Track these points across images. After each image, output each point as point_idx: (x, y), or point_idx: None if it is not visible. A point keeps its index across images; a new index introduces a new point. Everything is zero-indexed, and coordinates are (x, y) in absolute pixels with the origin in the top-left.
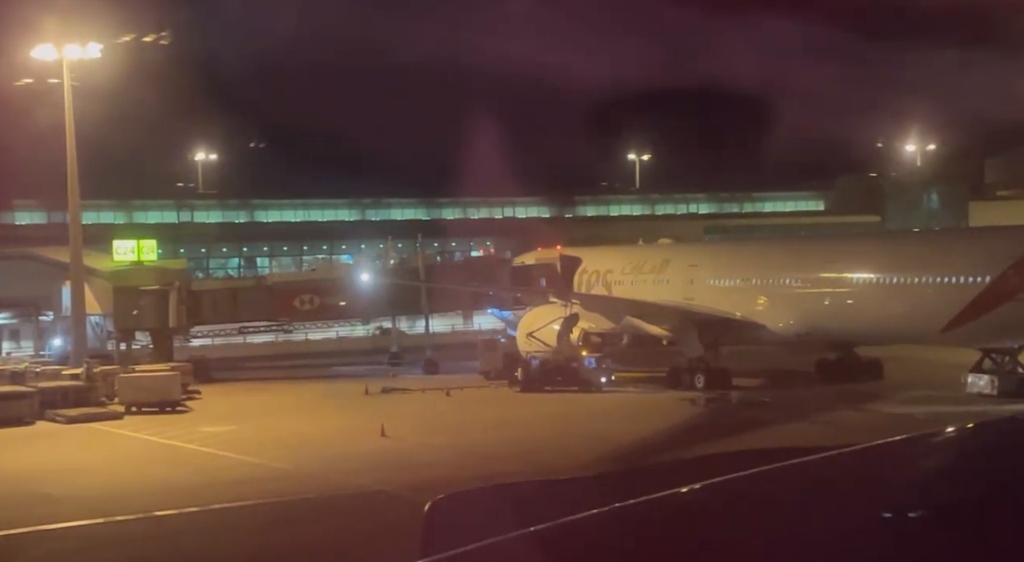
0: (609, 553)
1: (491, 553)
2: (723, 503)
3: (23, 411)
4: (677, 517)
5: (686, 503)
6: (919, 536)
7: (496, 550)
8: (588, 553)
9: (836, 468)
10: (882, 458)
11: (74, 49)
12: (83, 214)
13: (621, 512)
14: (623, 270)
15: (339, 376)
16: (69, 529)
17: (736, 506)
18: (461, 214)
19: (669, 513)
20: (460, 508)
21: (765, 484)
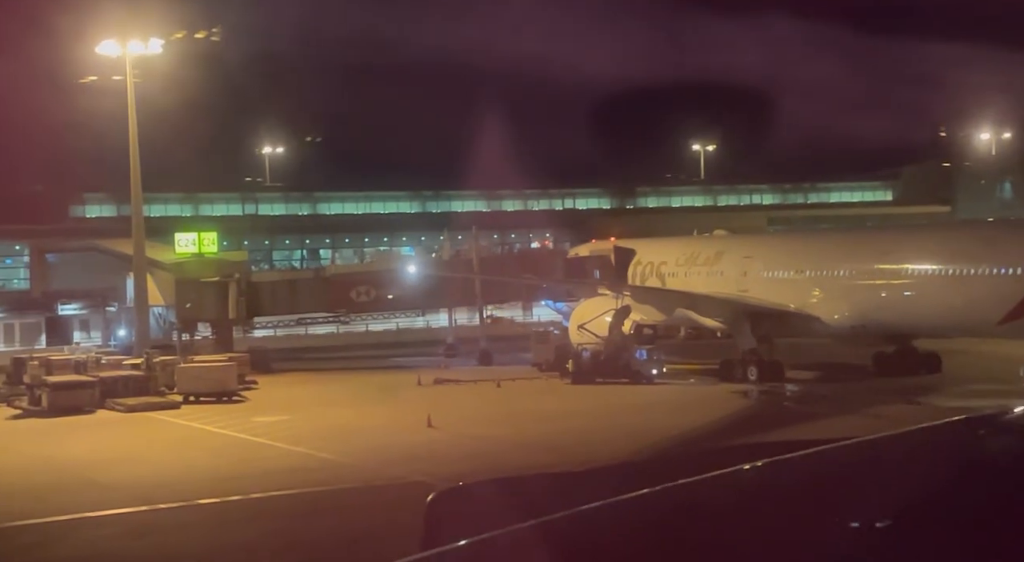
0: (600, 548)
1: (490, 546)
2: (713, 498)
3: (84, 400)
4: (669, 512)
5: (682, 497)
6: (883, 547)
7: (495, 543)
8: (581, 547)
9: (825, 465)
10: (874, 454)
11: (136, 45)
12: (151, 207)
13: (611, 507)
14: (677, 262)
15: (395, 367)
16: (112, 516)
17: (726, 502)
18: (521, 206)
19: (665, 507)
20: (461, 501)
21: (759, 478)
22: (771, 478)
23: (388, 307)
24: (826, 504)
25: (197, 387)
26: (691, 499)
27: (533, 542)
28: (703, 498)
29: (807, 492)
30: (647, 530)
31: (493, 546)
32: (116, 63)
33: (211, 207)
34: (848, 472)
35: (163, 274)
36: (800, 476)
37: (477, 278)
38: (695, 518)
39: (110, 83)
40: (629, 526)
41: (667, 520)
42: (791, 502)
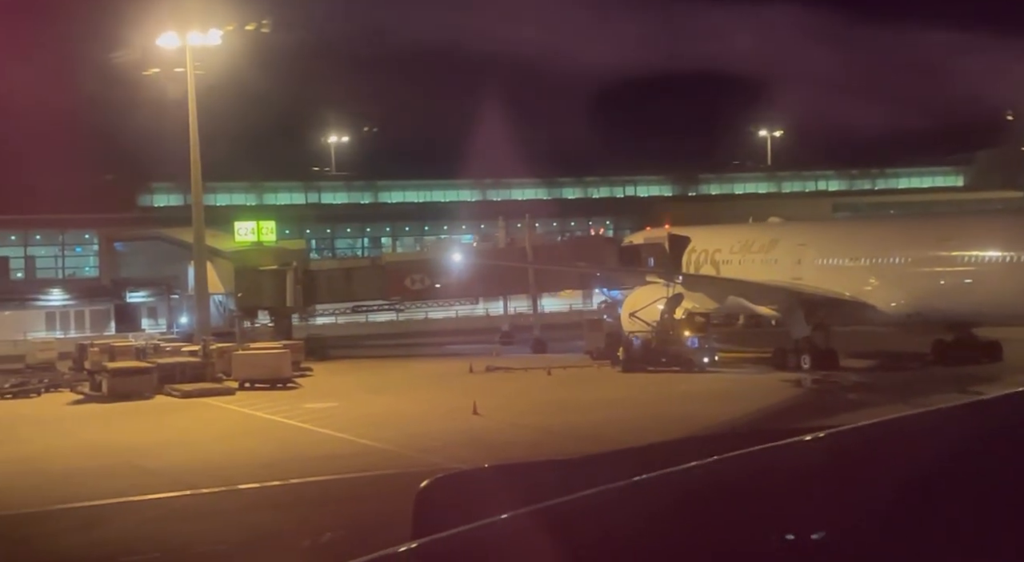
0: (586, 537)
1: (481, 533)
2: (703, 486)
3: (143, 386)
4: (659, 499)
5: (672, 484)
6: None
7: (487, 530)
8: (564, 536)
9: (779, 462)
10: (844, 447)
11: (196, 36)
12: (216, 196)
13: (602, 495)
14: (731, 249)
15: (450, 355)
16: (154, 500)
17: (709, 490)
18: (582, 194)
19: (662, 494)
20: (453, 490)
21: (705, 476)
22: (714, 476)
23: (442, 295)
24: (763, 509)
25: (252, 374)
26: (674, 486)
27: (524, 530)
28: (685, 486)
29: (747, 494)
30: (637, 518)
31: (484, 534)
32: (183, 55)
33: (275, 196)
34: (803, 471)
35: (223, 262)
36: (749, 473)
37: (530, 267)
38: (675, 506)
39: (179, 75)
40: (610, 516)
41: (661, 508)
42: (725, 505)
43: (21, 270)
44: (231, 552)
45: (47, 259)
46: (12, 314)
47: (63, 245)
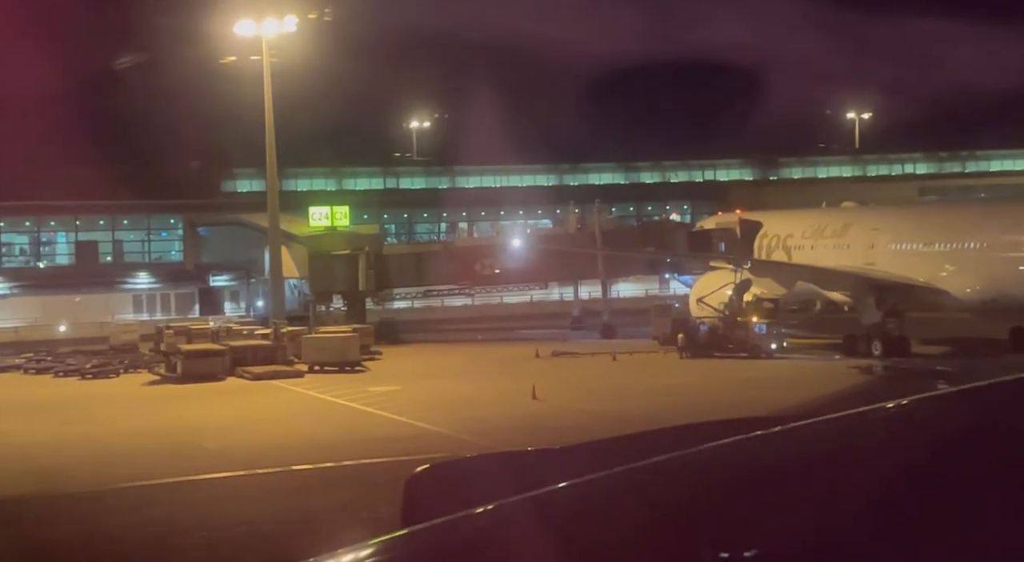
0: (575, 525)
1: (470, 521)
2: (695, 472)
3: (216, 368)
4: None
5: (668, 470)
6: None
7: (476, 518)
8: (552, 524)
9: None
10: (849, 431)
11: (271, 24)
12: (297, 182)
13: (593, 482)
14: (803, 234)
15: (519, 339)
16: (209, 480)
17: (703, 476)
18: (660, 178)
19: (654, 481)
20: (444, 478)
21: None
22: (708, 464)
23: (511, 280)
24: (760, 497)
25: (321, 357)
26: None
27: (514, 518)
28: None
29: (743, 482)
30: (626, 504)
31: (473, 521)
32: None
33: (354, 182)
34: (800, 458)
35: (297, 247)
36: (746, 460)
37: (599, 253)
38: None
39: (247, 63)
40: (601, 504)
41: (649, 493)
42: (719, 494)
43: (109, 254)
44: (276, 532)
45: (134, 243)
46: (101, 297)
47: (149, 230)
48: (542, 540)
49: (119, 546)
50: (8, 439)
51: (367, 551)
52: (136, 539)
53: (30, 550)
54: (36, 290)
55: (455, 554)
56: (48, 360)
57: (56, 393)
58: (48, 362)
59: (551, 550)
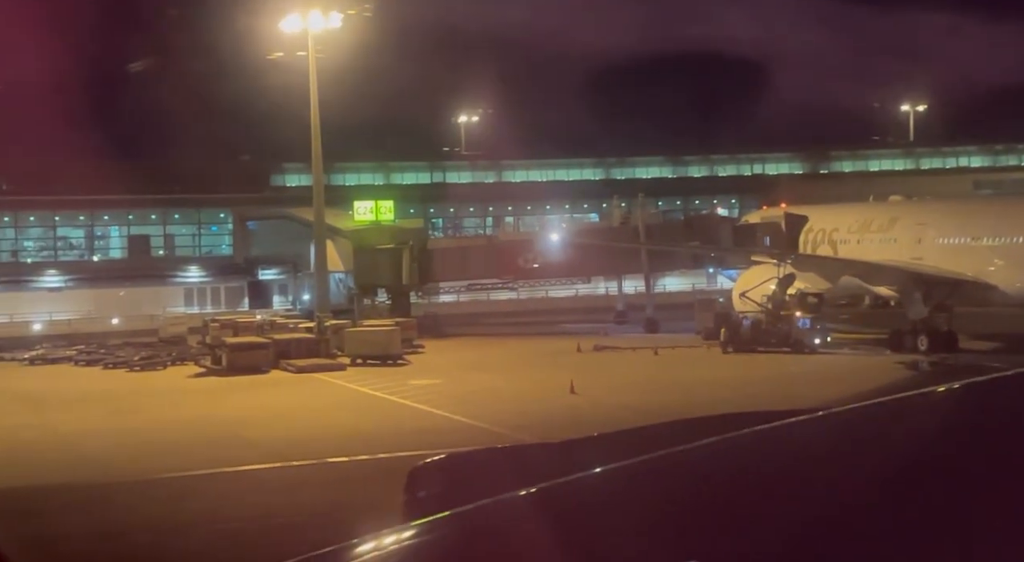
0: (577, 519)
1: (471, 515)
2: (699, 467)
3: (260, 360)
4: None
5: (670, 464)
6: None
7: (477, 512)
8: (553, 517)
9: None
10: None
11: (317, 19)
12: (345, 176)
13: (594, 476)
14: (849, 229)
15: (563, 333)
16: (246, 472)
17: (706, 471)
18: (708, 172)
19: (654, 475)
20: (445, 472)
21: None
22: (706, 458)
23: (554, 274)
24: (758, 491)
25: (363, 350)
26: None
27: (514, 511)
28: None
29: (741, 476)
30: (627, 498)
31: (473, 515)
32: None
33: (401, 176)
34: (799, 452)
35: (343, 241)
36: (744, 455)
37: (642, 247)
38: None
39: (293, 59)
40: (603, 498)
41: (652, 487)
42: (717, 488)
43: (161, 248)
44: (306, 523)
45: (185, 237)
46: (153, 290)
47: (199, 224)
48: (543, 534)
49: (147, 537)
50: (55, 429)
51: (371, 544)
52: (168, 529)
53: (58, 538)
54: (89, 283)
55: (458, 547)
56: (101, 352)
57: (103, 384)
58: (98, 354)
59: (552, 544)
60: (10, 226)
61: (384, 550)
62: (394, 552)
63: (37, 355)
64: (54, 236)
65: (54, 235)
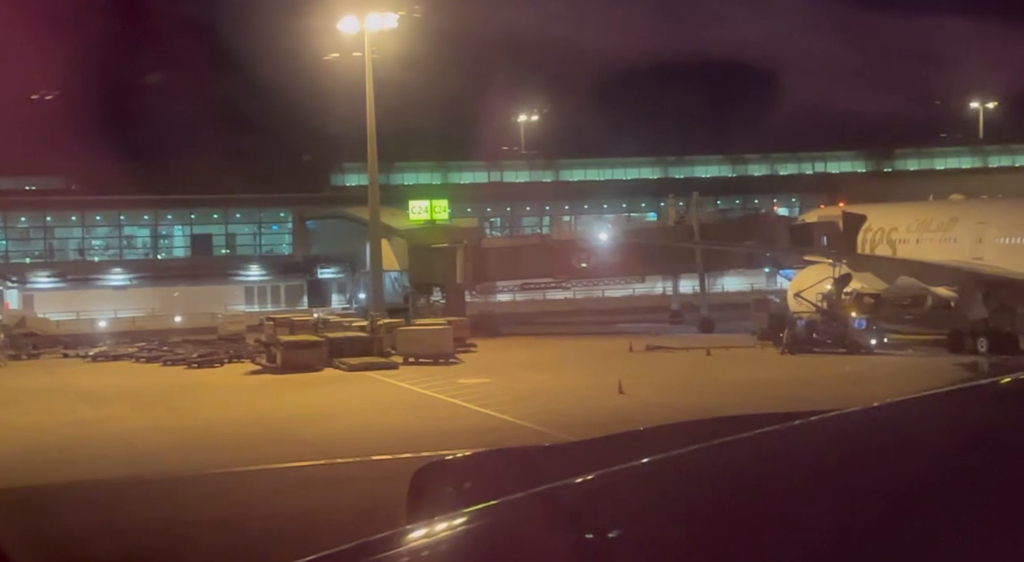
0: (583, 521)
1: (475, 518)
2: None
3: (313, 358)
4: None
5: (674, 467)
6: None
7: (480, 514)
8: (558, 520)
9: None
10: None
11: (374, 20)
12: (404, 175)
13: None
14: (908, 228)
15: (617, 333)
16: (291, 468)
17: (712, 473)
18: (768, 170)
19: (659, 477)
20: (449, 474)
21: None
22: (710, 461)
23: (608, 273)
24: (763, 493)
25: (415, 349)
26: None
27: (519, 514)
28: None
29: (745, 479)
30: (634, 500)
31: (477, 518)
32: (373, 38)
33: (459, 175)
34: (805, 455)
35: (398, 240)
36: (748, 458)
37: (696, 246)
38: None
39: (351, 59)
40: (608, 500)
41: (660, 489)
42: (719, 491)
43: (223, 247)
44: (345, 521)
45: (246, 236)
46: (214, 288)
47: (260, 223)
48: (545, 536)
49: (185, 530)
50: (111, 425)
51: (375, 545)
52: (210, 523)
53: (103, 532)
54: (153, 281)
55: (460, 549)
56: (164, 350)
57: (161, 381)
58: (158, 351)
59: (553, 546)
60: (77, 225)
61: (387, 552)
62: (399, 554)
63: (100, 352)
64: (119, 235)
65: (119, 234)
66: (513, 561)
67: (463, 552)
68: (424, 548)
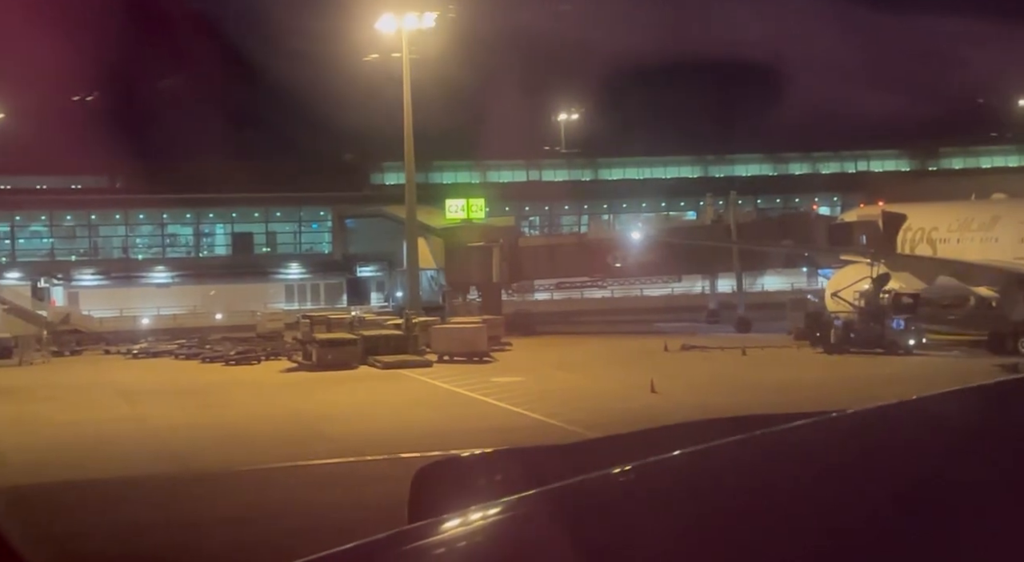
0: (586, 521)
1: (477, 517)
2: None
3: (349, 356)
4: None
5: (676, 468)
6: None
7: (483, 514)
8: (560, 520)
9: None
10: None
11: (412, 20)
12: (443, 174)
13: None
14: (949, 228)
15: (653, 332)
16: (319, 465)
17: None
18: (810, 169)
19: (662, 479)
20: (451, 473)
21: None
22: (712, 462)
23: (643, 272)
24: (767, 495)
25: (449, 347)
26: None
27: (521, 514)
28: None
29: (747, 481)
30: (636, 502)
31: (480, 518)
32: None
33: (497, 174)
34: (806, 455)
35: (435, 239)
36: (750, 459)
37: (732, 246)
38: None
39: (389, 60)
40: (610, 501)
41: (659, 491)
42: (722, 493)
43: (264, 245)
44: (368, 518)
45: (286, 235)
46: (255, 286)
47: (300, 222)
48: (545, 536)
49: (207, 529)
50: (147, 422)
51: (369, 547)
52: (231, 520)
53: (126, 529)
54: (195, 279)
55: (461, 549)
56: (207, 349)
57: (199, 378)
58: (197, 348)
59: (553, 546)
60: (121, 224)
61: (388, 551)
62: (398, 553)
63: (141, 349)
64: (162, 233)
65: (162, 232)
66: (509, 560)
67: (462, 552)
68: (423, 548)
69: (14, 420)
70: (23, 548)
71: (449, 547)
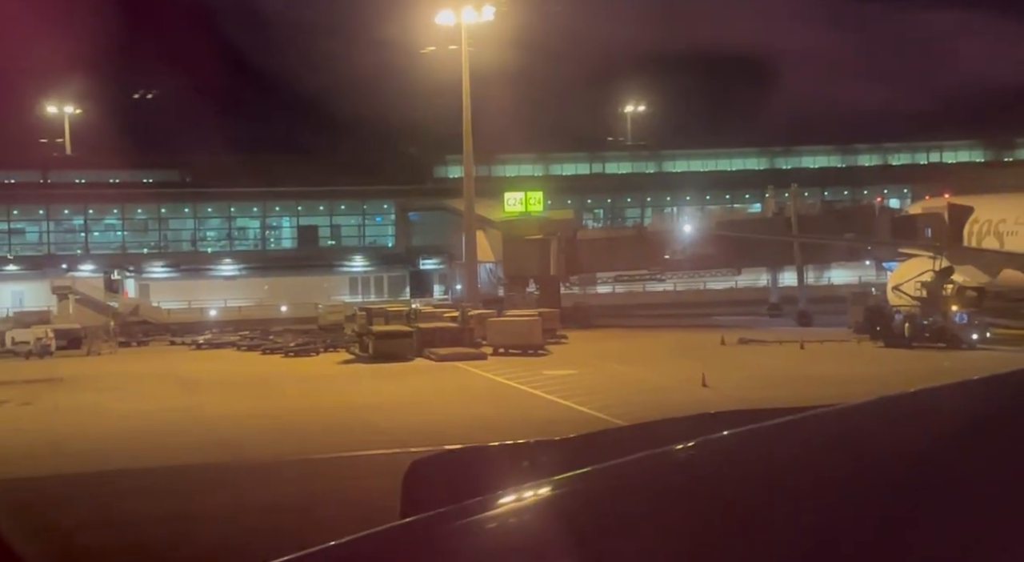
0: (581, 516)
1: (469, 512)
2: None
3: (404, 348)
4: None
5: (678, 461)
6: None
7: (475, 509)
8: (551, 514)
9: None
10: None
11: (470, 13)
12: (506, 167)
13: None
14: (1017, 220)
15: (712, 326)
16: (364, 456)
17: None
18: (880, 160)
19: (658, 472)
20: (444, 468)
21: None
22: (712, 456)
23: (703, 265)
24: (767, 489)
25: (504, 340)
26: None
27: (513, 508)
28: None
29: (747, 474)
30: (636, 495)
31: (472, 512)
32: (475, 31)
33: (560, 167)
34: (808, 448)
35: (493, 232)
36: (752, 452)
37: (794, 239)
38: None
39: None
40: (605, 495)
41: (654, 485)
42: (724, 486)
43: (329, 238)
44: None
45: (351, 228)
46: (320, 279)
47: (364, 215)
48: (539, 530)
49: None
50: (202, 410)
51: (364, 541)
52: (266, 508)
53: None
54: (261, 272)
55: (454, 543)
56: (268, 340)
57: (258, 369)
58: (259, 340)
59: (548, 541)
60: (190, 217)
61: (383, 545)
62: (390, 548)
63: (205, 340)
64: (230, 226)
65: (230, 226)
66: (504, 555)
67: (455, 545)
68: (415, 542)
69: (75, 409)
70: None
71: (441, 541)
